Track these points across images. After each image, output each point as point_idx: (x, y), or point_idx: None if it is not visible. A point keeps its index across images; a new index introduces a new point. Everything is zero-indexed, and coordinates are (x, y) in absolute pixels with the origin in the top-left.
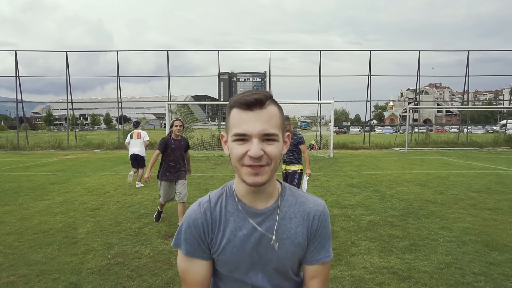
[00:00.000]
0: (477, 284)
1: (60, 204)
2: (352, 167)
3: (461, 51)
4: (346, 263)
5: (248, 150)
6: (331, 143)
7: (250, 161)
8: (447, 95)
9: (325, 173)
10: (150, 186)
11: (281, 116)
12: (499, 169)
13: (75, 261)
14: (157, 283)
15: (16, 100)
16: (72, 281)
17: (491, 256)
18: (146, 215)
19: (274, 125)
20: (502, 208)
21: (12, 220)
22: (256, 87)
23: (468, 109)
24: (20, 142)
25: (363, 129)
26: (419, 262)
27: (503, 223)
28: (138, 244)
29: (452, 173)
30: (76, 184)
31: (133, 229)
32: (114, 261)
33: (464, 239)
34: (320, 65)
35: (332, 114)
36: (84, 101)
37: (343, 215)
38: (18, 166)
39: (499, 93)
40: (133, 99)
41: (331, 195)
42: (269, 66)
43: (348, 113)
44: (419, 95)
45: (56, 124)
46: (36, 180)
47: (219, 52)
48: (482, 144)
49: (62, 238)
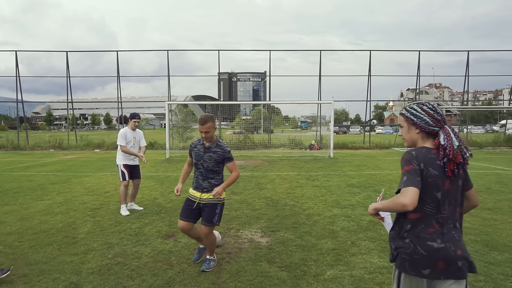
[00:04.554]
0: (477, 284)
1: (60, 204)
2: (352, 167)
3: (461, 51)
4: (346, 263)
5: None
6: (331, 143)
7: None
8: (447, 95)
9: (325, 173)
10: (150, 186)
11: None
12: (499, 169)
13: (75, 261)
14: (157, 283)
15: (17, 100)
16: (72, 281)
17: (490, 256)
18: (146, 215)
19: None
20: (501, 208)
21: (12, 220)
22: (256, 87)
23: (468, 109)
24: (20, 142)
25: (363, 129)
26: None
27: (503, 223)
28: (138, 244)
29: None
30: (76, 184)
31: (133, 229)
32: (114, 261)
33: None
34: (320, 65)
35: (332, 114)
36: (84, 101)
37: (343, 215)
38: (18, 166)
39: (499, 93)
40: (133, 99)
41: (331, 195)
42: (269, 66)
43: (348, 113)
44: (419, 95)
45: (56, 124)
46: (36, 180)
47: (219, 52)
48: (482, 144)
49: (62, 238)
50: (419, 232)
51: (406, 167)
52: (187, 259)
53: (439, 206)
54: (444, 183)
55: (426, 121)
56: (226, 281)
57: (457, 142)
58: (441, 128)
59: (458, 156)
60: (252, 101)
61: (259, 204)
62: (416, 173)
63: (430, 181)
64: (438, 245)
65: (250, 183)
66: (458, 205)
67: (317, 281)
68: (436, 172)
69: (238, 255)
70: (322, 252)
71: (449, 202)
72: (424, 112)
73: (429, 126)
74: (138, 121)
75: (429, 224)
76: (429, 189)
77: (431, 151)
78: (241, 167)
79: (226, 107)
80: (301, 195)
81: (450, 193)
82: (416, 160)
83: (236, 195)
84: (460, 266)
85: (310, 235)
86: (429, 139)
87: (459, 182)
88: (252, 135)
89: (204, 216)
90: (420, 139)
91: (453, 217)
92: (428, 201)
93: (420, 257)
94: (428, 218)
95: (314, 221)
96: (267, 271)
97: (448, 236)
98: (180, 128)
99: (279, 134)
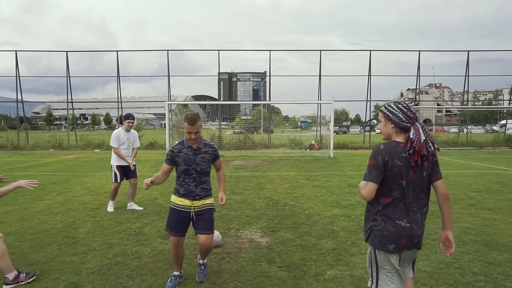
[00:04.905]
0: (477, 284)
1: (60, 204)
2: (352, 167)
3: (461, 51)
4: (346, 263)
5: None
6: (331, 143)
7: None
8: (447, 95)
9: (325, 173)
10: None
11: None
12: (499, 169)
13: (75, 261)
14: (157, 283)
15: (17, 100)
16: (72, 281)
17: (490, 256)
18: (146, 215)
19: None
20: (501, 208)
21: (12, 220)
22: (256, 87)
23: (468, 109)
24: (20, 142)
25: (363, 129)
26: (419, 262)
27: (503, 223)
28: (138, 244)
29: (452, 173)
30: (76, 184)
31: (133, 229)
32: (114, 261)
33: (463, 239)
34: (320, 65)
35: (332, 114)
36: (84, 101)
37: (343, 215)
38: (18, 166)
39: (499, 93)
40: (133, 99)
41: (331, 195)
42: (269, 66)
43: (348, 113)
44: (419, 95)
45: (56, 124)
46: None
47: (219, 52)
48: (482, 144)
49: (62, 238)
50: (389, 213)
51: (370, 162)
52: (187, 259)
53: (404, 192)
54: (408, 173)
55: (400, 117)
56: (226, 281)
57: (424, 137)
58: (412, 125)
59: (423, 149)
60: (252, 101)
61: (259, 204)
62: (376, 168)
63: (395, 170)
64: (404, 224)
65: (250, 183)
66: (422, 192)
67: (317, 281)
68: (401, 163)
69: (238, 255)
70: (322, 252)
71: (413, 189)
72: (399, 110)
73: (402, 122)
74: (132, 122)
75: (397, 207)
76: (394, 177)
77: (399, 145)
78: (241, 167)
79: (226, 107)
80: (301, 195)
81: (414, 182)
82: (382, 154)
83: (236, 195)
84: (416, 243)
85: (310, 235)
86: (402, 134)
87: (423, 173)
88: (252, 135)
89: (201, 225)
90: (394, 133)
91: (418, 202)
92: (395, 187)
93: (389, 233)
94: (396, 201)
95: (314, 221)
96: (267, 271)
97: (413, 218)
98: (180, 128)
99: (279, 134)
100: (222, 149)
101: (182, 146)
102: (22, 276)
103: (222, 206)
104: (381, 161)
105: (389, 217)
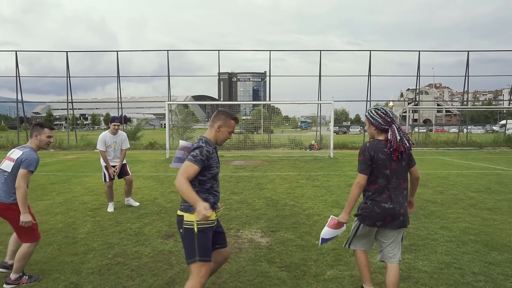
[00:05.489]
0: (477, 284)
1: (60, 204)
2: (352, 167)
3: (461, 51)
4: (346, 263)
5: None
6: (331, 143)
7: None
8: (447, 95)
9: (325, 173)
10: (150, 186)
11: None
12: (499, 169)
13: (75, 261)
14: (157, 283)
15: (17, 100)
16: (72, 281)
17: (490, 256)
18: (146, 215)
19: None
20: (501, 208)
21: None
22: (256, 87)
23: (468, 109)
24: (20, 142)
25: (363, 129)
26: (419, 262)
27: (503, 223)
28: (138, 244)
29: (452, 173)
30: (76, 184)
31: (133, 229)
32: (114, 261)
33: (463, 239)
34: (320, 65)
35: (332, 114)
36: (84, 101)
37: None
38: None
39: (498, 93)
40: (133, 99)
41: (331, 195)
42: (269, 66)
43: (348, 113)
44: (419, 95)
45: (57, 124)
46: (36, 180)
47: (219, 52)
48: (482, 144)
49: (62, 238)
50: (376, 197)
51: (359, 157)
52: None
53: (389, 180)
54: (391, 164)
55: (379, 121)
56: (226, 281)
57: (399, 136)
58: (390, 127)
59: (400, 147)
60: (252, 101)
61: (259, 204)
62: (365, 162)
63: (379, 163)
64: (388, 206)
65: (250, 183)
66: (403, 179)
67: (317, 281)
68: (384, 156)
69: (238, 255)
70: (322, 252)
71: (396, 177)
72: (378, 115)
73: (381, 125)
74: (118, 125)
75: (383, 192)
76: (380, 168)
77: (381, 142)
78: (241, 167)
79: (226, 107)
80: (301, 195)
81: (396, 171)
82: (368, 150)
83: (236, 195)
84: (402, 220)
85: (310, 235)
86: (382, 134)
87: (403, 163)
88: (252, 135)
89: (222, 238)
90: (376, 134)
91: (400, 187)
92: (380, 176)
93: (376, 214)
94: (382, 188)
95: (314, 221)
96: (267, 271)
97: (395, 200)
98: (180, 128)
99: (279, 134)
100: (222, 149)
101: (209, 146)
102: (24, 278)
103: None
104: (368, 156)
105: (376, 201)
